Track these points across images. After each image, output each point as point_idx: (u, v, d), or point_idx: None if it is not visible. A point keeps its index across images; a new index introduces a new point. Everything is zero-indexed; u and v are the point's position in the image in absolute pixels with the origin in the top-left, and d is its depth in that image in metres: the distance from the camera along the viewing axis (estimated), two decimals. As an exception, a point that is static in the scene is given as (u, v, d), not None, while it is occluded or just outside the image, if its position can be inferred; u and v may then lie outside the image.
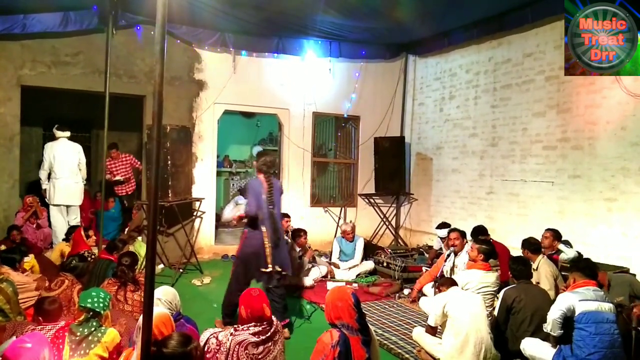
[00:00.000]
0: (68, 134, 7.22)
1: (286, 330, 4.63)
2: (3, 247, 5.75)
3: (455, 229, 6.35)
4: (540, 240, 5.55)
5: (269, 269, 4.65)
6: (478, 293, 4.54)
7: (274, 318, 3.32)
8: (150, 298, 2.25)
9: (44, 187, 7.14)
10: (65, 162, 7.07)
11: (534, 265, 5.11)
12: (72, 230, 6.75)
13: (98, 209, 7.69)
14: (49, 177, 7.09)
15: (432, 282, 5.68)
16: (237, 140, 11.86)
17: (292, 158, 8.86)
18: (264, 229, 4.67)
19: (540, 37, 6.84)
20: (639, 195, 5.64)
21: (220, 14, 7.10)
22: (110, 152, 8.19)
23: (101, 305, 3.20)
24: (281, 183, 4.95)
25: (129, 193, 8.60)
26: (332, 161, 9.56)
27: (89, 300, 3.18)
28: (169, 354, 2.53)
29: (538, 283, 4.95)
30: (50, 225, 7.15)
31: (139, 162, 8.47)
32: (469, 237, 6.13)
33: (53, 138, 7.22)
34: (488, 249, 4.92)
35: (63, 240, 6.71)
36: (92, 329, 3.10)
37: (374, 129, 9.31)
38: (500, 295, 4.42)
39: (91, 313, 3.15)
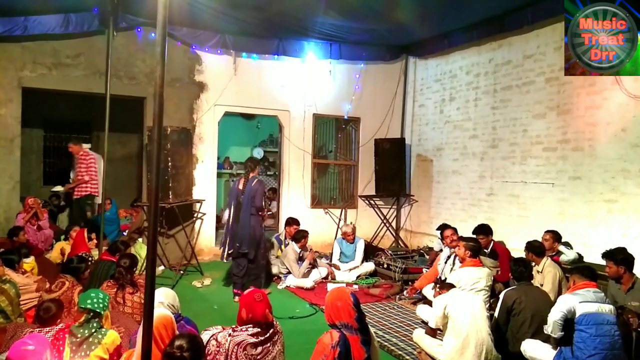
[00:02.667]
0: (89, 145, 8.41)
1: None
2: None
3: (447, 226, 6.34)
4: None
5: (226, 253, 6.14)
6: (471, 290, 4.55)
7: (274, 320, 3.31)
8: (150, 299, 2.25)
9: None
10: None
11: (539, 268, 5.10)
12: (69, 228, 6.78)
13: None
14: None
15: (433, 284, 5.67)
16: (238, 141, 11.87)
17: (293, 159, 8.87)
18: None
19: (541, 38, 6.84)
20: (639, 196, 5.64)
21: (220, 16, 7.11)
22: (68, 146, 7.44)
23: (101, 305, 3.20)
24: (257, 183, 6.12)
25: (83, 196, 7.56)
26: (333, 163, 9.56)
27: (89, 301, 3.18)
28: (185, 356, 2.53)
29: (542, 285, 4.94)
30: (50, 226, 7.17)
31: (91, 169, 7.37)
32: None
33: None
34: (474, 246, 5.05)
35: (63, 239, 6.74)
36: (93, 330, 3.10)
37: (374, 130, 9.31)
38: (501, 296, 4.42)
39: (92, 314, 3.15)
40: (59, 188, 7.78)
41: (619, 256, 4.51)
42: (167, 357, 2.55)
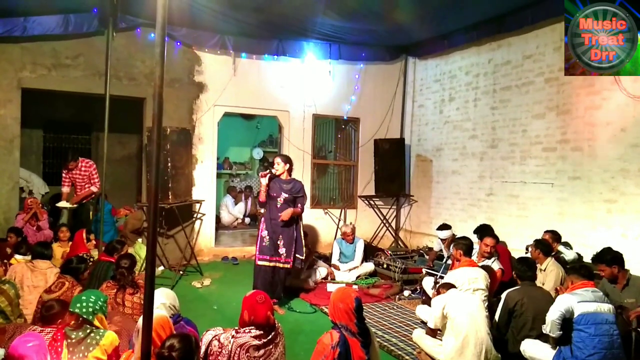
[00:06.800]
0: None
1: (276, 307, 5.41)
2: (9, 250, 5.76)
3: (491, 235, 5.76)
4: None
5: None
6: (468, 290, 4.53)
7: (276, 322, 3.31)
8: (150, 300, 2.25)
9: None
10: None
11: (542, 267, 5.09)
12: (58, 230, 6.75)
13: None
14: None
15: (433, 284, 5.66)
16: (237, 142, 11.87)
17: (292, 160, 8.83)
18: None
19: (540, 39, 6.84)
20: (639, 196, 5.65)
21: (220, 16, 7.11)
22: (68, 165, 7.15)
23: (90, 310, 3.10)
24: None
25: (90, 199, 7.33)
26: (332, 163, 9.56)
27: (78, 305, 3.09)
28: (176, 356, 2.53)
29: (544, 284, 4.94)
30: (50, 227, 7.15)
31: (95, 176, 7.20)
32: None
33: None
34: (465, 244, 5.02)
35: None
36: (88, 330, 3.07)
37: (373, 130, 9.31)
38: (503, 296, 4.40)
39: (80, 319, 3.08)
40: (64, 204, 7.20)
41: (608, 256, 4.51)
42: (157, 357, 2.56)
